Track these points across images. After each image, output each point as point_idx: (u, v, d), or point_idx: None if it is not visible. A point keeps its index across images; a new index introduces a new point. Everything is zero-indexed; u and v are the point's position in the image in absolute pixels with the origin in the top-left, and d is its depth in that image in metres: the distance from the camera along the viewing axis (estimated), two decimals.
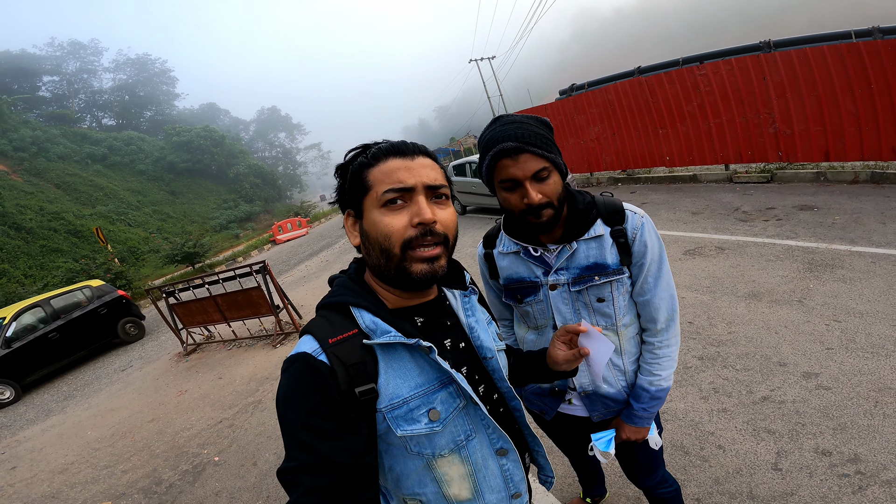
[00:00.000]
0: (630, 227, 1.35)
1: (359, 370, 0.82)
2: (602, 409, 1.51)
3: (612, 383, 1.47)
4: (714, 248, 5.24)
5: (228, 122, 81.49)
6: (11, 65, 53.27)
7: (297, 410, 0.77)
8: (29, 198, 29.78)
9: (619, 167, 10.87)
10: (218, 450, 4.10)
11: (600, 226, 1.36)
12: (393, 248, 0.83)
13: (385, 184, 0.84)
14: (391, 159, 0.86)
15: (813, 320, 3.40)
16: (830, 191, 6.37)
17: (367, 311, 0.88)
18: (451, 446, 0.89)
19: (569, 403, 1.56)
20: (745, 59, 7.65)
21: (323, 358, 0.80)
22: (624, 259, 1.36)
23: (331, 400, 0.77)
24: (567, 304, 1.41)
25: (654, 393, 1.42)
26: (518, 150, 1.19)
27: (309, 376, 0.79)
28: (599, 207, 1.38)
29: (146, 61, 65.03)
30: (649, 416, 1.45)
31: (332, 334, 0.84)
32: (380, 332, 0.85)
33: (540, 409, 1.63)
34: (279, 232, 24.16)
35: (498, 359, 1.02)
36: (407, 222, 0.83)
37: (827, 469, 2.19)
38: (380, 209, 0.84)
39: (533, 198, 1.21)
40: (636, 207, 1.39)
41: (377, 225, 0.84)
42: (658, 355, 1.43)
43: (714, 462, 2.41)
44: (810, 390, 2.72)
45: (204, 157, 47.55)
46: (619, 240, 1.35)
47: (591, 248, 1.36)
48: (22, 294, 12.24)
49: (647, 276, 1.38)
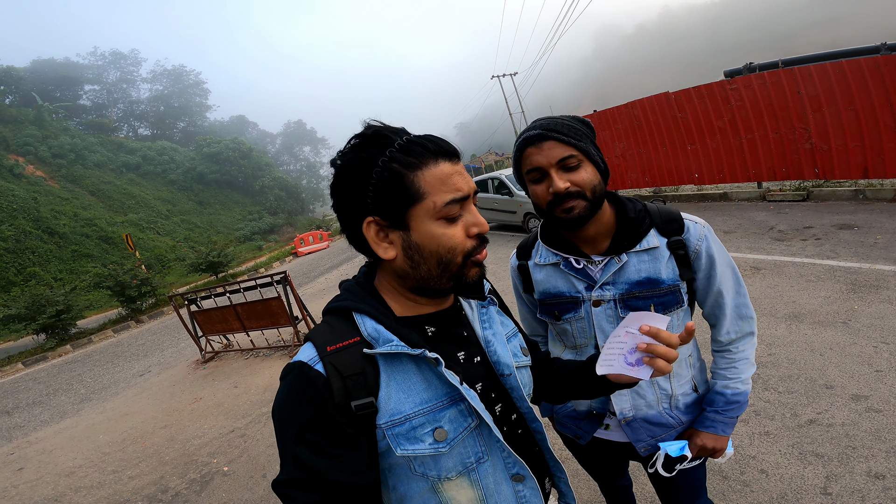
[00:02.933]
0: (693, 238, 1.22)
1: (357, 382, 0.73)
2: (647, 437, 1.34)
3: (653, 404, 1.31)
4: (749, 267, 5.00)
5: (256, 134, 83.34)
6: (56, 73, 55.76)
7: (291, 423, 0.72)
8: (64, 204, 30.88)
9: (646, 185, 10.63)
10: (228, 459, 4.00)
11: (654, 237, 1.23)
12: (456, 258, 0.78)
13: (445, 193, 0.76)
14: (442, 162, 0.77)
15: (860, 342, 3.20)
16: (870, 209, 6.08)
17: (369, 318, 0.79)
18: (459, 469, 0.80)
19: (605, 429, 1.40)
20: (779, 73, 7.41)
21: (319, 367, 0.73)
22: (684, 273, 1.23)
23: (325, 413, 0.71)
24: (612, 323, 1.26)
25: (731, 397, 1.27)
26: (541, 138, 1.13)
27: (303, 387, 0.73)
28: (653, 216, 1.25)
29: (181, 72, 67.09)
30: (726, 421, 1.28)
31: (331, 342, 0.76)
32: (382, 341, 0.77)
33: (574, 433, 1.47)
34: (301, 244, 24.35)
35: (517, 376, 0.92)
36: (465, 233, 0.79)
37: (881, 492, 2.06)
38: (438, 221, 0.77)
39: (558, 185, 1.11)
40: (695, 216, 1.26)
41: (439, 238, 0.77)
42: (734, 360, 1.29)
43: (756, 487, 2.28)
44: (860, 413, 2.57)
45: (232, 169, 48.63)
46: (677, 252, 1.22)
47: (643, 261, 1.22)
48: (49, 297, 12.46)
49: (720, 288, 1.25)
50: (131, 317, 13.86)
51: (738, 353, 1.29)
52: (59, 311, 12.22)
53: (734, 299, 1.28)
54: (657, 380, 1.29)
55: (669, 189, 10.27)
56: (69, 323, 12.72)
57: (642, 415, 1.31)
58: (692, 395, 1.35)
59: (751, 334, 1.30)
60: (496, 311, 0.99)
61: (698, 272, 1.24)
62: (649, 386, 1.30)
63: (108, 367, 9.31)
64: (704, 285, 1.26)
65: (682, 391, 1.32)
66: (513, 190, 9.73)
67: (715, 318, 1.30)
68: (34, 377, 9.95)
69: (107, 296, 15.98)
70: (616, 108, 10.73)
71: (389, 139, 0.77)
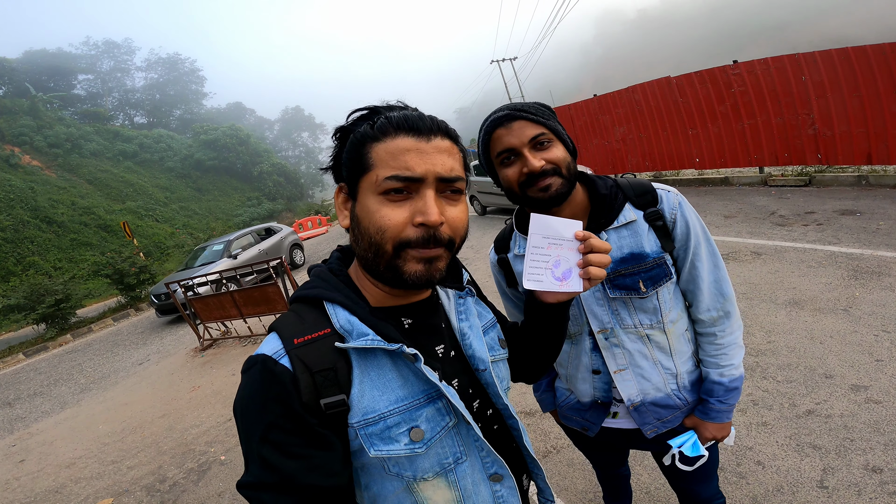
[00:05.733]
0: (667, 207, 1.19)
1: (327, 378, 0.68)
2: (654, 421, 1.31)
3: (661, 386, 1.28)
4: (750, 252, 4.96)
5: (254, 121, 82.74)
6: (48, 63, 55.23)
7: (256, 422, 0.67)
8: (62, 193, 30.73)
9: (646, 169, 10.56)
10: (225, 448, 4.00)
11: (630, 210, 1.19)
12: (385, 244, 0.71)
13: (389, 168, 0.70)
14: (401, 136, 0.71)
15: (860, 330, 3.17)
16: (873, 195, 6.01)
17: (342, 308, 0.74)
18: (436, 469, 0.76)
19: (613, 417, 1.37)
20: (783, 59, 7.30)
21: (285, 362, 0.68)
22: (665, 244, 1.19)
23: (292, 412, 0.66)
24: (602, 305, 1.23)
25: (729, 384, 1.25)
26: (510, 118, 1.10)
27: (266, 383, 0.67)
28: (625, 190, 1.22)
29: (176, 61, 66.51)
30: (729, 408, 1.27)
31: (299, 333, 0.71)
32: (356, 335, 0.72)
33: (581, 425, 1.44)
34: (300, 230, 24.28)
35: (492, 371, 0.87)
36: (407, 218, 0.70)
37: (877, 486, 2.04)
38: (377, 196, 0.71)
39: (533, 164, 1.08)
40: (667, 186, 1.22)
41: (371, 215, 0.71)
42: (723, 345, 1.25)
43: (752, 479, 2.26)
44: (859, 404, 2.54)
45: (230, 156, 48.38)
46: (656, 223, 1.18)
47: (623, 236, 1.19)
48: (48, 286, 12.44)
49: (695, 259, 1.21)
50: (130, 305, 13.85)
51: (726, 338, 1.26)
52: (59, 300, 12.20)
53: (711, 273, 1.24)
54: (660, 359, 1.26)
55: (670, 173, 10.21)
56: (69, 312, 12.71)
57: (651, 398, 1.28)
58: (696, 371, 1.33)
59: (731, 314, 1.26)
60: (474, 301, 0.95)
61: (676, 241, 1.21)
62: (653, 367, 1.26)
63: (107, 356, 9.31)
64: (682, 256, 1.22)
65: (685, 368, 1.30)
66: None
67: (692, 294, 1.26)
68: (35, 367, 9.97)
69: (106, 284, 15.99)
70: (617, 92, 10.61)
71: (379, 114, 0.75)
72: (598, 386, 1.33)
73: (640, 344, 1.24)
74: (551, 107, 1.20)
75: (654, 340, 1.25)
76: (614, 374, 1.27)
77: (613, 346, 1.25)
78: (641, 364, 1.26)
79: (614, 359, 1.26)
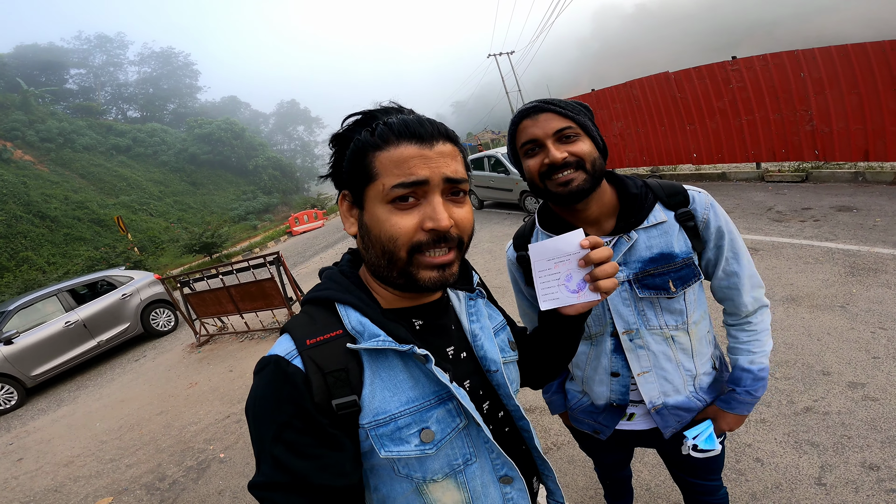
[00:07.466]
0: (700, 207, 1.19)
1: (339, 379, 0.69)
2: (674, 423, 1.31)
3: (680, 388, 1.27)
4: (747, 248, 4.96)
5: (249, 115, 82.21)
6: (40, 58, 54.61)
7: (268, 422, 0.68)
8: (54, 187, 30.47)
9: (644, 164, 10.57)
10: (224, 446, 3.99)
11: (661, 211, 1.19)
12: (398, 251, 0.71)
13: (395, 176, 0.70)
14: (404, 144, 0.71)
15: (857, 327, 3.18)
16: (870, 192, 6.03)
17: (354, 310, 0.75)
18: (445, 471, 0.77)
19: (629, 419, 1.36)
20: (782, 55, 7.29)
21: (297, 362, 0.68)
22: (695, 244, 1.19)
23: (304, 412, 0.67)
24: (629, 306, 1.22)
25: (757, 373, 1.25)
26: (538, 110, 1.11)
27: (279, 384, 0.68)
28: (656, 191, 1.22)
29: (170, 55, 66.00)
30: (753, 401, 1.26)
31: (311, 335, 0.71)
32: (367, 336, 0.72)
33: (593, 428, 1.42)
34: (295, 224, 24.26)
35: (504, 372, 0.88)
36: (417, 224, 0.71)
37: (874, 484, 2.05)
38: (386, 205, 0.71)
39: (555, 155, 1.07)
40: (696, 187, 1.23)
41: (381, 224, 0.72)
42: (756, 331, 1.26)
43: (751, 476, 2.27)
44: (856, 401, 2.55)
45: (224, 149, 48.07)
46: (687, 224, 1.18)
47: (653, 236, 1.18)
48: (42, 281, 12.36)
49: (730, 256, 1.22)
50: None
51: (760, 324, 1.26)
52: None
53: (747, 269, 1.24)
54: (681, 360, 1.25)
55: (667, 168, 10.22)
56: None
57: (672, 401, 1.28)
58: (713, 373, 1.33)
59: (766, 304, 1.27)
60: (484, 303, 0.95)
61: (708, 242, 1.21)
62: (675, 369, 1.26)
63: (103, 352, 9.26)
64: (715, 255, 1.23)
65: (704, 370, 1.30)
66: (509, 168, 9.66)
67: (730, 291, 1.26)
68: None
69: None
70: (615, 87, 10.59)
71: (376, 119, 0.75)
72: (616, 388, 1.31)
73: (665, 345, 1.24)
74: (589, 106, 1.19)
75: (678, 342, 1.24)
76: (638, 376, 1.26)
77: (638, 348, 1.24)
78: (665, 366, 1.25)
79: (638, 361, 1.25)
